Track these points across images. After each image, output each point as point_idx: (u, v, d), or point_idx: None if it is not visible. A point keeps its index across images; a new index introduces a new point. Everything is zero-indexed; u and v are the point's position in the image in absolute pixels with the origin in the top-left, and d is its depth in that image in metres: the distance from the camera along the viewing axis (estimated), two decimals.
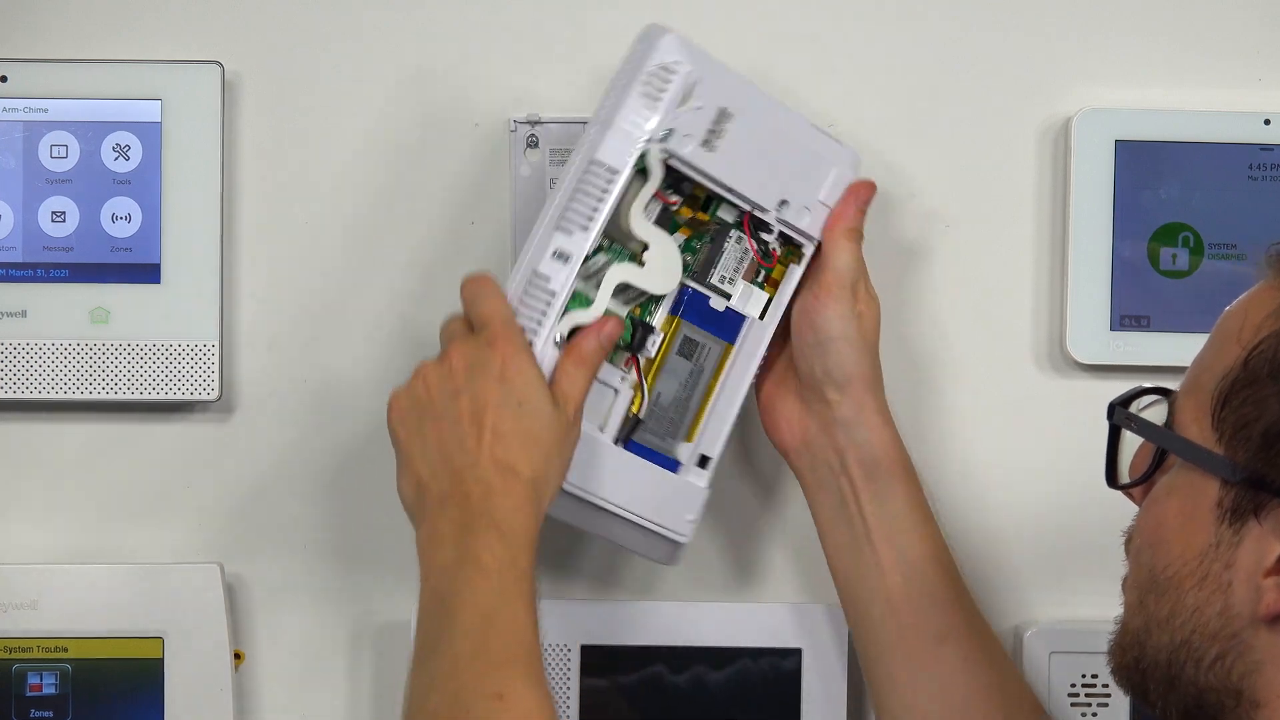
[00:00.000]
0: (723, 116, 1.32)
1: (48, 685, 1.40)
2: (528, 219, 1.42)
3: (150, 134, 1.40)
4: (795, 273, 1.36)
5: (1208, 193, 1.42)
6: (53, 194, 1.40)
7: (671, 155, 1.30)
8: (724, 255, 1.36)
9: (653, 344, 1.35)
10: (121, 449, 1.43)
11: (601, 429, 1.33)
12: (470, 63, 1.43)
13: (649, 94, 1.30)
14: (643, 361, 1.35)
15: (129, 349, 1.40)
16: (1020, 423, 1.45)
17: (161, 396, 1.40)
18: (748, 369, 1.37)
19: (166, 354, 1.40)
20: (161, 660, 1.40)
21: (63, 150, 1.40)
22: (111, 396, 1.40)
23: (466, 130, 1.43)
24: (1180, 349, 1.40)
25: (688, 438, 1.36)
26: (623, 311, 1.33)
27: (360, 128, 1.43)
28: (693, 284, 1.35)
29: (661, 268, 1.33)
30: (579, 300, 1.30)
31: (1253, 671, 1.05)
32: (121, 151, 1.40)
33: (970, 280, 1.45)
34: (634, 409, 1.34)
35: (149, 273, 1.40)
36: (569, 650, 1.42)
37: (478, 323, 1.28)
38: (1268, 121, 1.42)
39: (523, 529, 1.22)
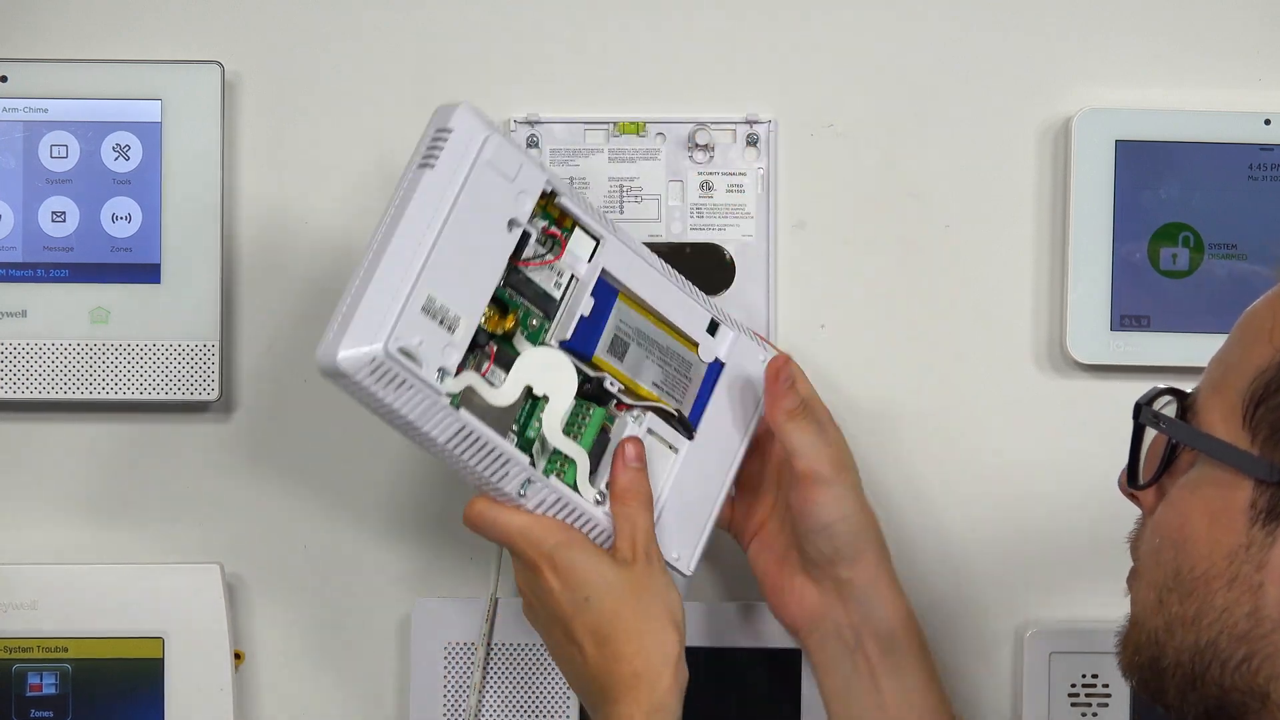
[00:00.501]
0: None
1: (48, 685, 1.40)
2: None
3: (150, 134, 1.40)
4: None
5: (1208, 193, 1.42)
6: (53, 194, 1.40)
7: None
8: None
9: (611, 385, 1.31)
10: (121, 449, 1.43)
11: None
12: (470, 63, 1.43)
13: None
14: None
15: (129, 349, 1.40)
16: (1020, 423, 1.45)
17: (161, 396, 1.40)
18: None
19: (166, 354, 1.40)
20: (161, 660, 1.40)
21: (63, 150, 1.40)
22: (111, 396, 1.40)
23: None
24: (1180, 349, 1.41)
25: None
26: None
27: (360, 128, 1.43)
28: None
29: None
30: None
31: None
32: (121, 151, 1.40)
33: (970, 280, 1.45)
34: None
35: (149, 273, 1.40)
36: None
37: (508, 549, 1.27)
38: (1268, 121, 1.42)
39: (659, 700, 1.23)
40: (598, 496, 1.29)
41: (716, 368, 1.34)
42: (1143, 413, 1.12)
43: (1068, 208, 1.42)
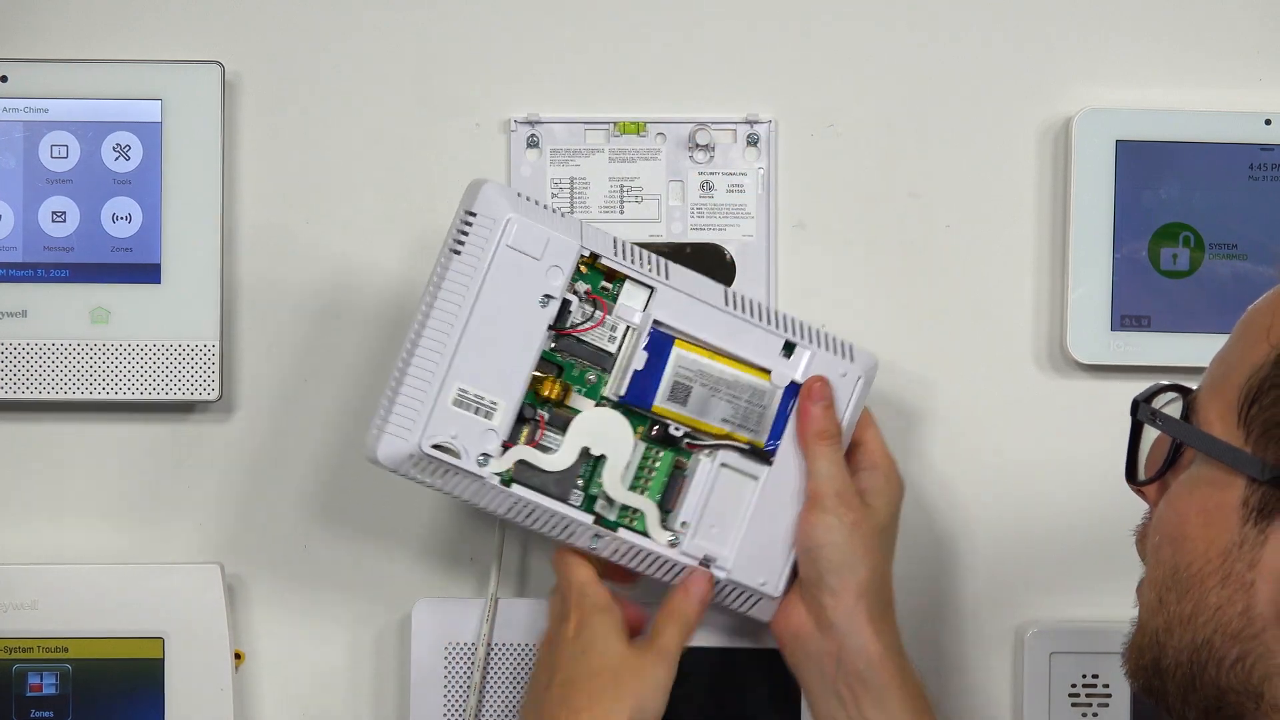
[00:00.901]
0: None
1: (48, 685, 1.39)
2: None
3: (150, 134, 1.40)
4: None
5: (1208, 193, 1.42)
6: (53, 194, 1.40)
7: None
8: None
9: (676, 430, 1.33)
10: (121, 449, 1.43)
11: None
12: (470, 63, 1.43)
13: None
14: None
15: (129, 349, 1.40)
16: (1020, 423, 1.45)
17: (161, 396, 1.40)
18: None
19: (166, 354, 1.40)
20: (161, 660, 1.40)
21: (63, 150, 1.40)
22: (111, 396, 1.40)
23: (467, 130, 1.43)
24: (1181, 349, 1.41)
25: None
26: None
27: (360, 128, 1.43)
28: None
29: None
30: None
31: (1274, 674, 1.03)
32: (121, 151, 1.40)
33: (970, 280, 1.45)
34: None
35: (149, 273, 1.40)
36: None
37: (566, 592, 1.33)
38: (1268, 121, 1.42)
39: None
40: (670, 539, 1.33)
41: (793, 389, 1.34)
42: (1140, 409, 1.13)
43: (1068, 208, 1.42)
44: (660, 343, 1.31)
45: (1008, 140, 1.44)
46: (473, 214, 1.27)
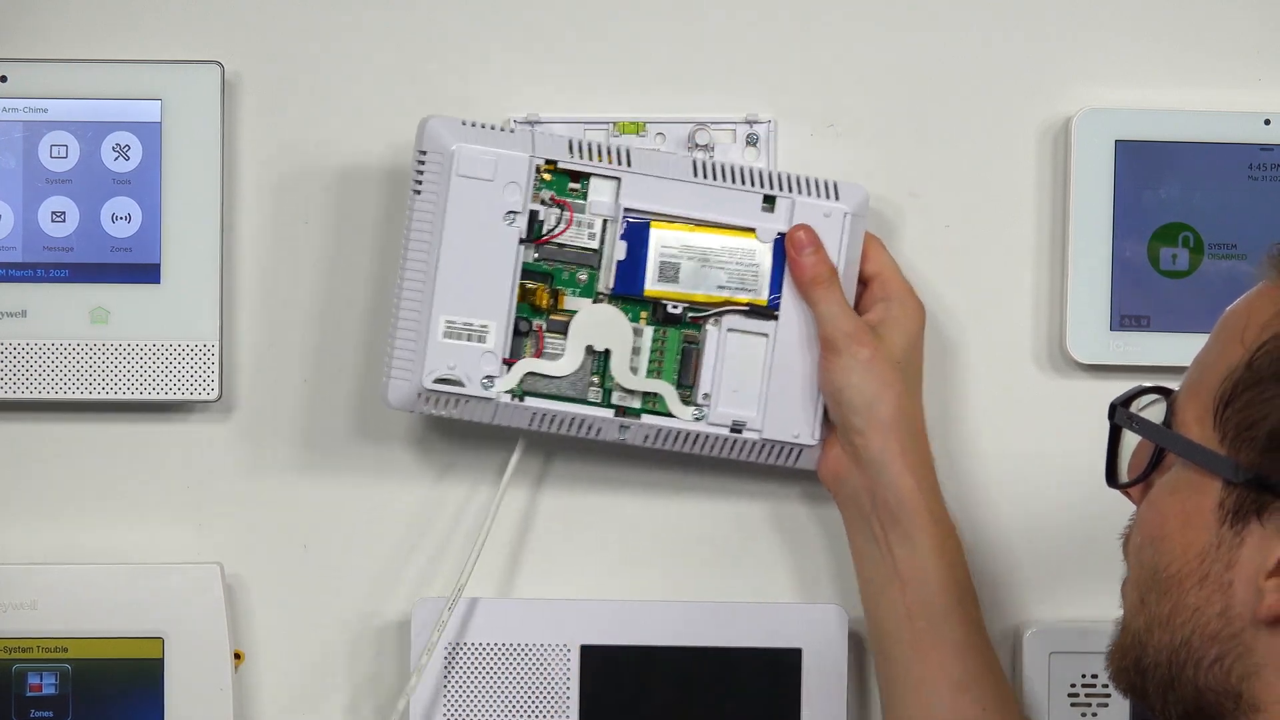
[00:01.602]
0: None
1: (48, 685, 1.39)
2: None
3: (150, 134, 1.40)
4: None
5: (1208, 193, 1.42)
6: (53, 194, 1.40)
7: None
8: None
9: (675, 307, 1.37)
10: (121, 449, 1.43)
11: None
12: (470, 63, 1.43)
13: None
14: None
15: (129, 349, 1.40)
16: (1020, 423, 1.45)
17: (161, 396, 1.40)
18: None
19: (166, 354, 1.40)
20: (161, 660, 1.40)
21: (63, 150, 1.40)
22: (111, 396, 1.40)
23: None
24: (1180, 349, 1.41)
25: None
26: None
27: (360, 128, 1.43)
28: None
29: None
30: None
31: (1252, 674, 1.04)
32: (121, 151, 1.40)
33: (970, 280, 1.45)
34: None
35: (149, 273, 1.40)
36: (569, 650, 1.42)
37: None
38: (1268, 121, 1.42)
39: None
40: (695, 414, 1.36)
41: (782, 241, 1.37)
42: (1117, 413, 1.13)
43: (1067, 208, 1.42)
44: (637, 229, 1.35)
45: (1008, 140, 1.44)
46: (424, 152, 1.32)
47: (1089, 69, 1.44)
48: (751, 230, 1.36)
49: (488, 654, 1.41)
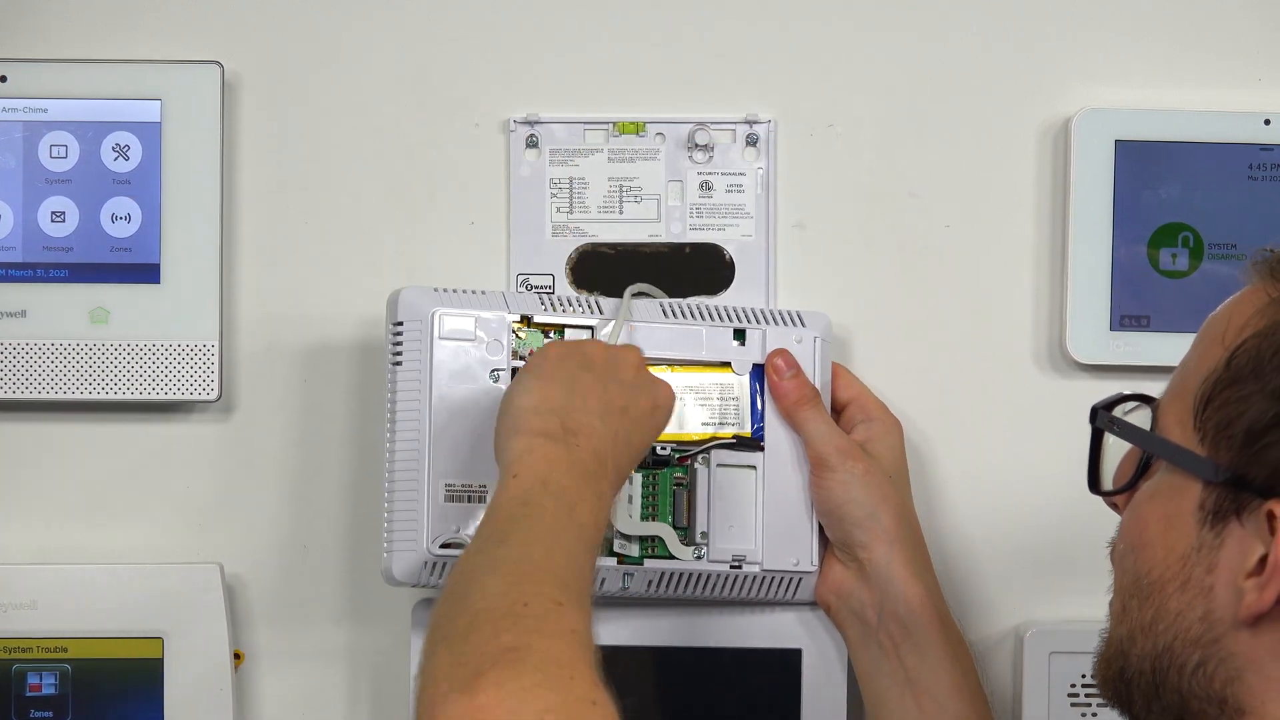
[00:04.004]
0: None
1: (48, 685, 1.40)
2: (527, 219, 1.42)
3: (150, 134, 1.40)
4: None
5: (1208, 193, 1.42)
6: (53, 194, 1.40)
7: None
8: None
9: (663, 449, 1.37)
10: (121, 449, 1.43)
11: None
12: (470, 63, 1.43)
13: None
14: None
15: (129, 349, 1.40)
16: (1020, 423, 1.45)
17: (161, 396, 1.40)
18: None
19: (166, 354, 1.40)
20: (161, 660, 1.40)
21: (63, 150, 1.40)
22: (111, 396, 1.40)
23: (466, 130, 1.43)
24: (1180, 349, 1.40)
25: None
26: None
27: (360, 127, 1.43)
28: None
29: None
30: None
31: (1235, 679, 1.03)
32: (121, 151, 1.40)
33: (970, 280, 1.45)
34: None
35: (149, 273, 1.40)
36: None
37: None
38: (1268, 121, 1.42)
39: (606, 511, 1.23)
40: (695, 553, 1.36)
41: (758, 371, 1.37)
42: (1099, 416, 1.13)
43: (1067, 208, 1.42)
44: None
45: (1007, 140, 1.44)
46: (400, 323, 1.32)
47: (1089, 69, 1.44)
48: (727, 364, 1.37)
49: None
